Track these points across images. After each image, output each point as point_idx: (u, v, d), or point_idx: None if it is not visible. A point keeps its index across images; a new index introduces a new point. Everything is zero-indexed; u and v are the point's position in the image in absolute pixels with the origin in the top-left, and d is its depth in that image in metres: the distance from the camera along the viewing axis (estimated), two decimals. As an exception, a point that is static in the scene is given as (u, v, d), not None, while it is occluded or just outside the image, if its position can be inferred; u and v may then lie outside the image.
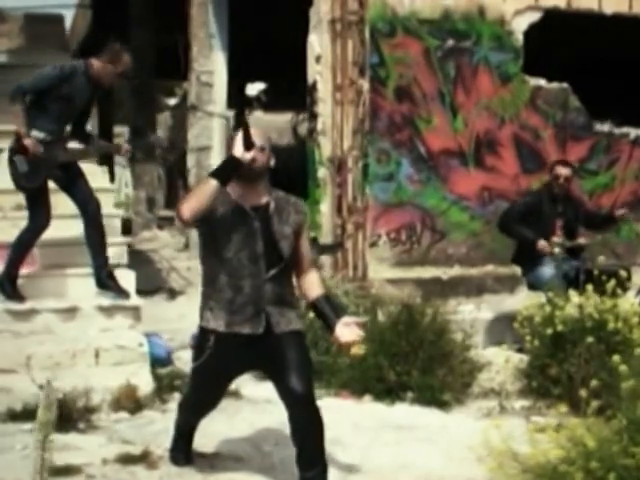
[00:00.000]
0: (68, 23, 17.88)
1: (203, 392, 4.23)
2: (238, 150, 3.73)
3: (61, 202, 6.30)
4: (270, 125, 24.17)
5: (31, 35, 10.98)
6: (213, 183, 3.69)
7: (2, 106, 8.68)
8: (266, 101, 20.93)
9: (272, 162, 3.96)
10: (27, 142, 5.87)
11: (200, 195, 3.70)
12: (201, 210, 3.70)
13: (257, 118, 22.30)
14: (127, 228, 12.54)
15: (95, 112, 17.17)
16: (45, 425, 2.48)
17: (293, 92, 17.36)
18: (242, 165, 3.74)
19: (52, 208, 6.40)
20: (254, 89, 5.18)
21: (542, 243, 6.89)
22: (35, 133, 5.97)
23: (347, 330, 3.95)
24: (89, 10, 14.69)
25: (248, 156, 3.72)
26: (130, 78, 12.71)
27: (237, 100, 17.36)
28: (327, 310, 4.00)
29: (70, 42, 16.93)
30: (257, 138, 3.81)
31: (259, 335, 3.86)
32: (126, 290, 6.23)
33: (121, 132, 20.17)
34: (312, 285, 4.04)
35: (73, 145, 6.38)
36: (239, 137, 3.77)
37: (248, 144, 3.71)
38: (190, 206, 3.69)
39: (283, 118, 23.64)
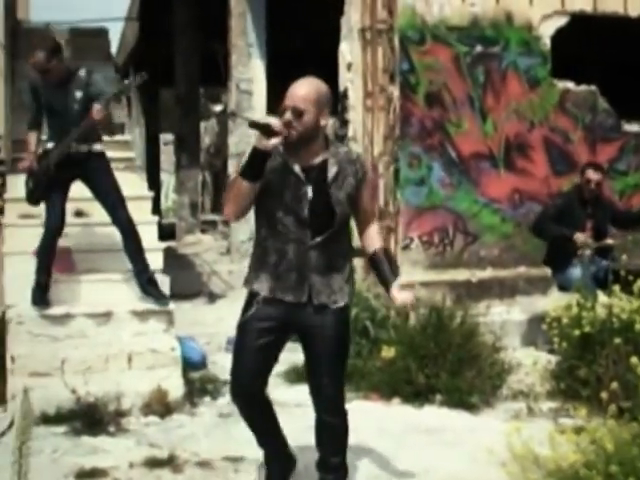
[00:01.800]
0: (116, 36, 18.31)
1: (248, 353, 3.81)
2: (258, 140, 3.50)
3: (97, 209, 6.43)
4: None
5: (76, 48, 11.20)
6: (245, 183, 3.53)
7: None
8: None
9: (325, 121, 3.66)
10: None
11: (237, 196, 3.57)
12: (244, 209, 3.63)
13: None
14: (172, 233, 12.78)
15: (142, 120, 17.55)
16: (22, 433, 2.56)
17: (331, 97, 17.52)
18: (269, 153, 3.52)
19: (86, 215, 6.57)
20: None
21: (579, 235, 6.93)
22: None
23: (404, 293, 3.79)
24: (136, 22, 15.00)
25: (273, 142, 3.49)
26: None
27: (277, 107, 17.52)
28: (384, 267, 3.84)
29: (120, 54, 17.32)
30: (280, 115, 3.58)
31: (303, 303, 3.70)
32: (166, 295, 6.27)
33: (168, 140, 20.51)
34: (372, 240, 3.89)
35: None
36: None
37: (266, 132, 3.49)
38: (232, 210, 3.62)
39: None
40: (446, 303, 6.44)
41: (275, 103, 12.52)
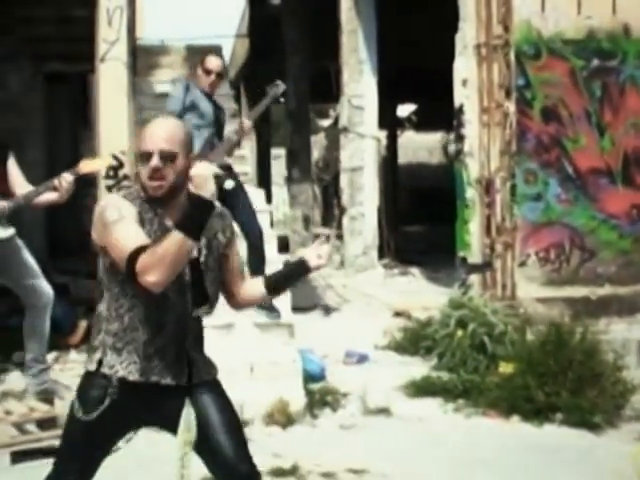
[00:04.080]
0: (227, 52, 18.73)
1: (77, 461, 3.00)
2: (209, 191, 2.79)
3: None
4: (421, 144, 24.37)
5: (192, 65, 11.52)
6: (189, 243, 2.72)
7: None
8: (417, 121, 21.15)
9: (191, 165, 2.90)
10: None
11: (178, 262, 2.74)
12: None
13: (408, 138, 22.57)
14: (285, 245, 12.94)
15: (253, 135, 17.87)
16: (184, 445, 2.66)
17: (441, 112, 17.53)
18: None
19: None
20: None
21: None
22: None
23: (313, 256, 3.13)
24: (247, 39, 15.32)
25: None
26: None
27: (390, 121, 17.61)
28: (280, 271, 3.29)
29: (230, 70, 17.70)
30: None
31: (182, 386, 2.96)
32: (278, 309, 6.38)
33: (277, 154, 20.82)
34: (253, 283, 3.25)
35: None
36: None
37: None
38: (164, 279, 2.74)
39: (434, 137, 23.74)
40: (564, 320, 6.39)
41: (385, 118, 12.62)
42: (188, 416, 2.65)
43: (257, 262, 6.28)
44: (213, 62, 6.27)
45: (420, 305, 8.18)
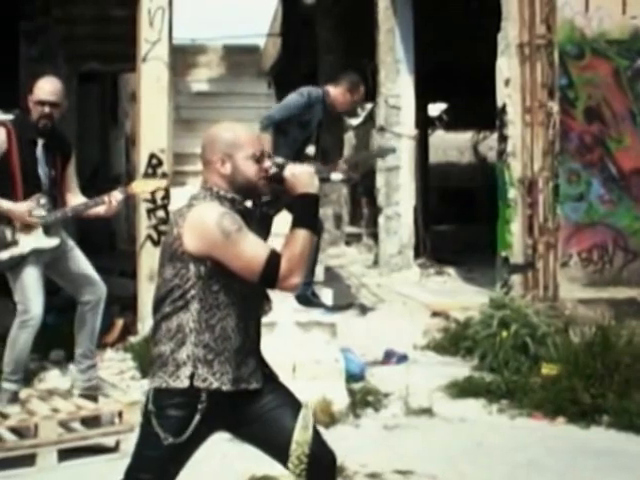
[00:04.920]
0: (257, 50, 18.75)
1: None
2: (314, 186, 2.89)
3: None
4: (451, 144, 24.31)
5: (229, 64, 11.55)
6: (315, 237, 2.86)
7: (205, 131, 9.20)
8: (447, 120, 21.09)
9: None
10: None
11: (305, 259, 2.83)
12: None
13: (439, 137, 22.52)
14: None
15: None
16: (301, 445, 2.64)
17: (473, 111, 17.48)
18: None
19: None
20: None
21: None
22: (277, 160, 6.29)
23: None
24: (279, 38, 15.32)
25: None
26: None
27: (421, 120, 17.55)
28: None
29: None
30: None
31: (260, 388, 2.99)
32: (328, 306, 6.39)
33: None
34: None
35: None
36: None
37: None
38: (303, 273, 2.85)
39: (464, 137, 23.68)
40: (607, 321, 6.33)
41: (422, 118, 12.59)
42: (306, 416, 2.62)
43: (311, 257, 6.25)
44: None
45: (459, 305, 8.14)
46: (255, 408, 2.97)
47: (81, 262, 5.37)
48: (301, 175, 2.87)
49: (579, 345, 6.17)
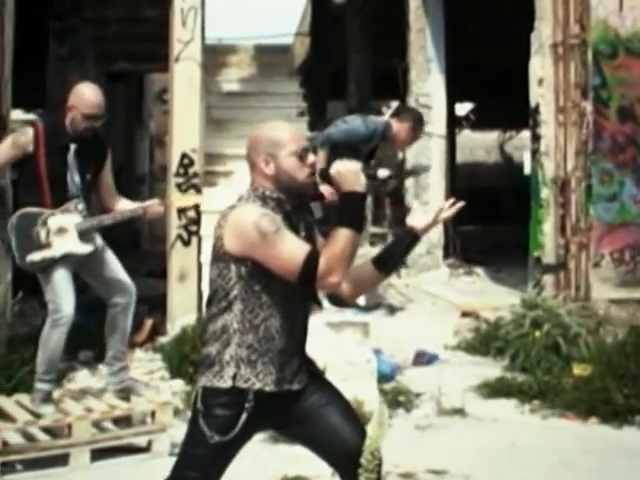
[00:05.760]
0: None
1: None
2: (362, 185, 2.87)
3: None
4: (478, 143, 24.24)
5: (260, 64, 11.59)
6: (358, 237, 2.83)
7: (236, 131, 9.24)
8: (474, 120, 21.02)
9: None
10: (324, 190, 6.21)
11: (352, 257, 2.82)
12: None
13: (466, 136, 22.46)
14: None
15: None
16: (375, 440, 2.65)
17: (500, 111, 17.43)
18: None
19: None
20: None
21: None
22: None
23: (416, 219, 3.13)
24: (307, 37, 15.32)
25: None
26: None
27: (448, 119, 17.51)
28: (387, 244, 3.33)
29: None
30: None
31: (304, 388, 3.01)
32: (361, 306, 6.39)
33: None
34: (358, 266, 3.06)
35: None
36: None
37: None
38: (344, 272, 2.83)
39: (490, 136, 23.60)
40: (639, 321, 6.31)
41: (450, 117, 12.51)
42: (381, 412, 2.63)
43: None
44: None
45: (489, 305, 8.13)
46: (301, 407, 2.99)
47: (113, 265, 5.37)
48: (347, 172, 2.85)
49: (611, 345, 6.16)
